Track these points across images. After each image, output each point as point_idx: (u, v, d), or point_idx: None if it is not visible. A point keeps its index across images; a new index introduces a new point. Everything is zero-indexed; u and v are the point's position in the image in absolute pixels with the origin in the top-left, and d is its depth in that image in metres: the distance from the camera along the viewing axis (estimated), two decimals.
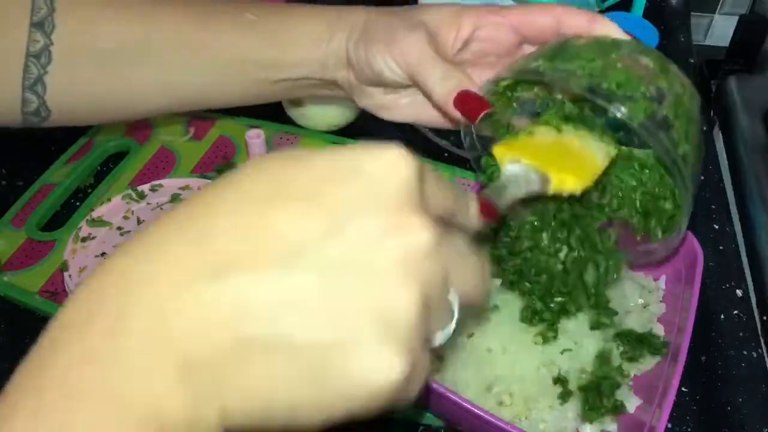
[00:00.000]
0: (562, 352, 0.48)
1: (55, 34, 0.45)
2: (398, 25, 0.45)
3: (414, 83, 0.46)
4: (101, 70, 0.47)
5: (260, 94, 0.50)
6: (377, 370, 0.22)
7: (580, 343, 0.49)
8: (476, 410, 0.42)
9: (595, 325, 0.49)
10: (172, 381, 0.22)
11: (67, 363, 0.22)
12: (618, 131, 0.45)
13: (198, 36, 0.47)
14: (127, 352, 0.22)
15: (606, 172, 0.45)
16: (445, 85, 0.43)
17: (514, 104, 0.47)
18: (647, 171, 0.46)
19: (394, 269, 0.23)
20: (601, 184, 0.47)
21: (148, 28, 0.47)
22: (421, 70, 0.44)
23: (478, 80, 0.44)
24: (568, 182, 0.41)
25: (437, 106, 0.45)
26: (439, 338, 0.26)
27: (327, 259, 0.22)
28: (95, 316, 0.23)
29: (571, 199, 0.46)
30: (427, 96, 0.45)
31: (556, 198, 0.45)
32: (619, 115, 0.38)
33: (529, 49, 0.47)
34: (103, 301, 0.23)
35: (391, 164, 0.24)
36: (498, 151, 0.43)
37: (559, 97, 0.46)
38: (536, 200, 0.46)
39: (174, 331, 0.22)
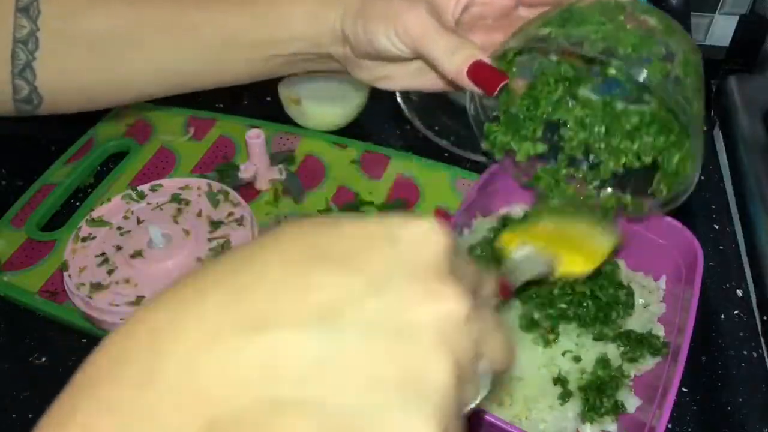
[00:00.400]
0: (563, 354, 0.48)
1: (40, 20, 0.45)
2: (398, 0, 0.44)
3: (419, 57, 0.45)
4: (90, 55, 0.47)
5: (253, 72, 0.50)
6: None
7: (580, 344, 0.49)
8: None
9: (598, 337, 0.49)
10: None
11: (94, 412, 0.22)
12: (612, 89, 0.46)
13: (187, 18, 0.47)
14: (155, 407, 0.22)
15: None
16: (456, 58, 0.43)
17: (514, 68, 0.47)
18: (647, 127, 0.46)
19: (429, 336, 0.22)
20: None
21: (137, 12, 0.47)
22: (427, 44, 0.43)
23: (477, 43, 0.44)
24: (577, 264, 0.43)
25: (446, 78, 0.45)
26: (471, 406, 0.26)
27: (363, 321, 0.22)
28: (124, 367, 0.22)
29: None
30: (436, 69, 0.44)
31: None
32: (641, 79, 0.39)
33: (524, 11, 0.47)
34: (133, 351, 0.23)
35: (426, 234, 0.24)
36: (505, 238, 0.44)
37: (555, 58, 0.47)
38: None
39: (203, 388, 0.21)
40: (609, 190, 0.49)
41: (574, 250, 0.44)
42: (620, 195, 0.49)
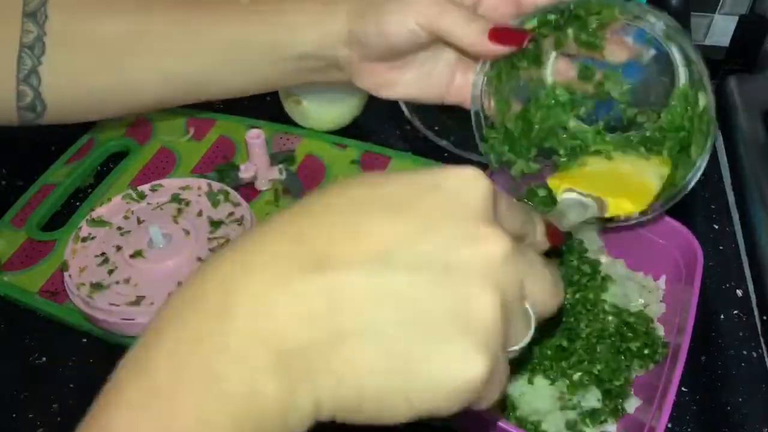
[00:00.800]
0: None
1: (48, 25, 0.45)
2: None
3: (437, 36, 0.45)
4: (97, 61, 0.47)
5: (259, 81, 0.50)
6: (460, 366, 0.24)
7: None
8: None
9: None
10: (271, 367, 0.23)
11: (173, 345, 0.24)
12: (606, 111, 0.48)
13: (193, 23, 0.47)
14: (231, 335, 0.23)
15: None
16: (475, 26, 0.43)
17: (508, 90, 0.48)
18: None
19: (475, 274, 0.24)
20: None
21: (144, 17, 0.46)
22: (444, 19, 0.43)
23: None
24: (625, 206, 0.43)
25: (468, 50, 0.45)
26: (521, 344, 0.28)
27: (415, 260, 0.24)
28: (200, 301, 0.24)
29: None
30: (455, 43, 0.44)
31: None
32: (662, 25, 0.42)
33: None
34: (208, 288, 0.25)
35: (469, 181, 0.26)
36: (552, 182, 0.44)
37: (550, 80, 0.48)
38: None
39: (274, 320, 0.24)
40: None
41: (623, 192, 0.43)
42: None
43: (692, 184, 0.45)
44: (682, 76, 0.47)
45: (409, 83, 0.49)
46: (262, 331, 0.23)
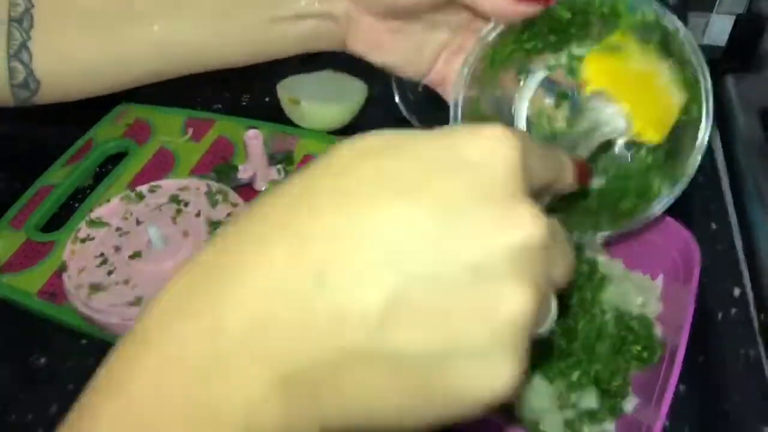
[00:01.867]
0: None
1: None
2: None
3: None
4: (88, 32, 0.45)
5: (253, 47, 0.48)
6: (488, 379, 0.21)
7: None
8: None
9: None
10: (270, 391, 0.21)
11: (158, 363, 0.21)
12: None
13: None
14: (223, 357, 0.21)
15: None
16: None
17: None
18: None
19: (508, 269, 0.21)
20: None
21: None
22: None
23: None
24: (648, 133, 0.39)
25: (487, 9, 0.42)
26: (547, 327, 0.25)
27: (435, 261, 0.21)
28: (187, 314, 0.22)
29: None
30: (471, 2, 0.42)
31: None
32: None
33: None
34: (196, 299, 0.22)
35: (494, 147, 0.22)
36: (590, 69, 0.40)
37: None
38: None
39: (272, 339, 0.21)
40: None
41: (650, 113, 0.40)
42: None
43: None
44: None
45: (399, 51, 0.48)
46: (259, 351, 0.21)
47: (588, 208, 0.46)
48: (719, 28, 0.92)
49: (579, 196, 0.46)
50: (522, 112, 0.49)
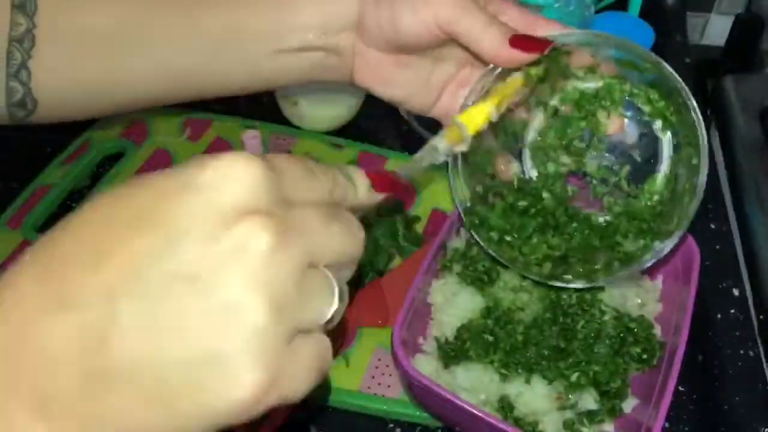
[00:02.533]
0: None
1: (37, 16, 0.43)
2: None
3: (453, 36, 0.43)
4: (90, 54, 0.45)
5: (256, 74, 0.47)
6: (233, 386, 0.22)
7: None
8: (476, 412, 0.42)
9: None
10: (31, 419, 0.22)
11: None
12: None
13: (193, 10, 0.45)
14: None
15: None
16: (494, 30, 0.41)
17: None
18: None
19: (234, 276, 0.22)
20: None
21: (138, 6, 0.45)
22: (462, 20, 0.41)
23: None
24: (457, 131, 0.40)
25: (484, 55, 0.43)
26: (328, 314, 0.26)
27: (166, 279, 0.22)
28: None
29: None
30: (472, 45, 0.43)
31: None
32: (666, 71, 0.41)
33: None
34: None
35: (225, 170, 0.23)
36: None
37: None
38: None
39: (25, 368, 0.22)
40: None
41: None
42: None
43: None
44: (664, 165, 0.47)
45: (405, 85, 0.48)
46: (13, 381, 0.22)
47: (589, 244, 0.47)
48: (718, 28, 0.92)
49: (580, 231, 0.47)
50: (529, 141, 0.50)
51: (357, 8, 0.44)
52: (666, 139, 0.46)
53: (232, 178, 0.23)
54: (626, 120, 0.47)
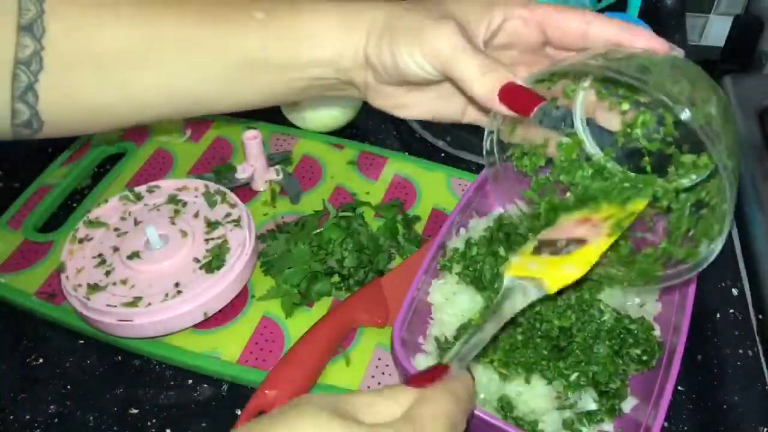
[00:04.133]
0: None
1: (45, 38, 0.42)
2: (425, 19, 0.42)
3: (448, 78, 0.43)
4: (98, 76, 0.44)
5: (271, 97, 0.48)
6: None
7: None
8: (476, 411, 0.42)
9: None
10: None
11: None
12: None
13: (204, 37, 0.44)
14: None
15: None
16: (487, 79, 0.41)
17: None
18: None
19: None
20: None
21: (150, 29, 0.44)
22: (457, 64, 0.41)
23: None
24: (565, 275, 0.41)
25: (476, 101, 0.42)
26: None
27: None
28: None
29: None
30: (464, 91, 0.42)
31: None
32: (683, 116, 0.37)
33: (552, 51, 0.46)
34: None
35: None
36: (506, 267, 0.43)
37: (584, 90, 0.46)
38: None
39: None
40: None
41: (563, 261, 0.42)
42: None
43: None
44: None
45: (427, 106, 0.48)
46: None
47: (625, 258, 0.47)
48: (717, 29, 0.92)
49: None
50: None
51: (363, 49, 0.44)
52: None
53: None
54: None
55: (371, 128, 0.74)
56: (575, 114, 0.48)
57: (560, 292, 0.42)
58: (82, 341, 0.55)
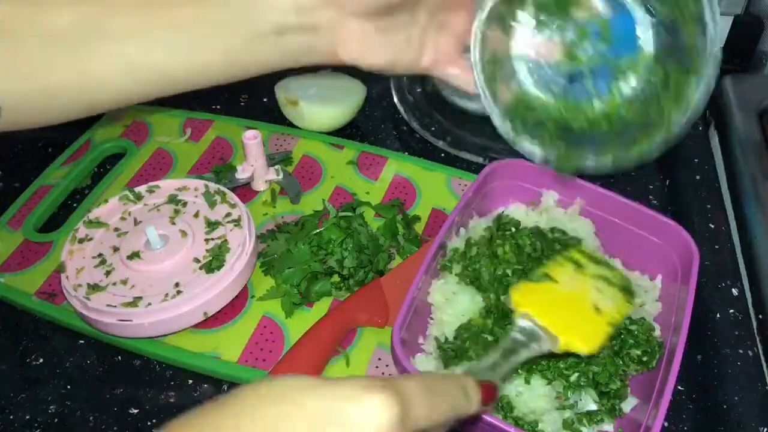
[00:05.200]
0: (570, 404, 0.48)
1: None
2: None
3: None
4: (52, 54, 0.42)
5: (234, 66, 0.46)
6: None
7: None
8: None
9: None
10: None
11: None
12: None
13: (159, 3, 0.43)
14: None
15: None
16: None
17: None
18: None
19: None
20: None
21: (102, 4, 0.43)
22: None
23: None
24: (576, 346, 0.42)
25: (451, 83, 0.43)
26: None
27: None
28: None
29: None
30: None
31: None
32: None
33: None
34: None
35: (371, 411, 0.28)
36: (515, 297, 0.44)
37: None
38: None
39: None
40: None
41: (577, 329, 0.43)
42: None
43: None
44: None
45: (389, 49, 0.47)
46: None
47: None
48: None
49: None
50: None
51: None
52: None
53: (375, 416, 0.28)
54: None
55: (371, 128, 0.74)
56: None
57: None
58: (82, 341, 0.55)
